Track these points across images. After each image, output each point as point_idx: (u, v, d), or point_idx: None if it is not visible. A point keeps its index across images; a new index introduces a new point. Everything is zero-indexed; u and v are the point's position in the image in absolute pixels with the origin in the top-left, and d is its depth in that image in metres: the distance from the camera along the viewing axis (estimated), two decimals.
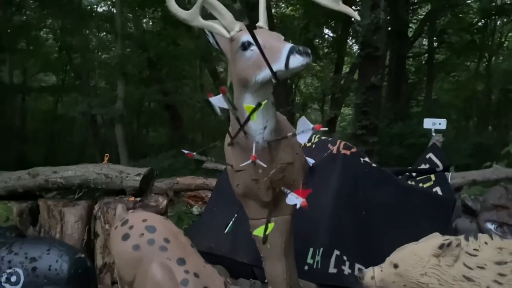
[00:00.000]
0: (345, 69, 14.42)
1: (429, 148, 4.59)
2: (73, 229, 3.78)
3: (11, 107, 14.73)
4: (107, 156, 3.98)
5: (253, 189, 2.46)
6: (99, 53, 13.74)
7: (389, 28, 12.03)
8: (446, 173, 4.34)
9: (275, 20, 11.05)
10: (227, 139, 2.52)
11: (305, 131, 2.07)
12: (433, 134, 4.61)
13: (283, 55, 1.91)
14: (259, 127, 2.22)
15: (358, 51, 10.77)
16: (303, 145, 4.77)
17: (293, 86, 16.26)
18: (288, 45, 1.93)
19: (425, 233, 3.79)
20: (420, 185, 4.31)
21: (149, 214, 2.55)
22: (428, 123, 4.66)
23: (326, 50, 16.02)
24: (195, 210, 4.99)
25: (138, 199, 3.86)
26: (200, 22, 1.97)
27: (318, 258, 3.79)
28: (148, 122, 16.55)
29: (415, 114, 13.35)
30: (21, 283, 2.41)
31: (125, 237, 2.36)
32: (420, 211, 3.91)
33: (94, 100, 10.68)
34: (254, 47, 1.99)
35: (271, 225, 1.77)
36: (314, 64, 15.32)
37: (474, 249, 1.95)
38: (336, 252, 3.79)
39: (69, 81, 15.53)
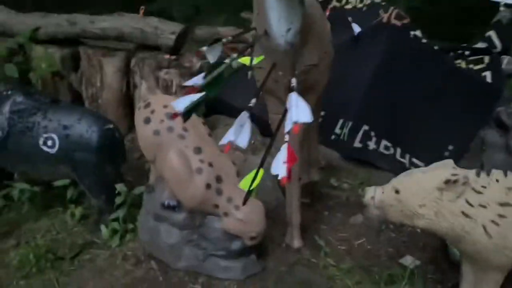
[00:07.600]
0: None
1: (491, 25, 4.09)
2: (112, 79, 3.93)
3: None
4: (142, 9, 3.85)
5: (272, 88, 2.40)
6: None
7: None
8: (502, 56, 3.96)
9: None
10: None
11: None
12: (501, 8, 4.03)
13: None
14: (281, 29, 2.02)
15: None
16: (354, 7, 4.40)
17: None
18: None
19: (461, 119, 3.70)
20: (471, 66, 4.01)
21: (171, 99, 2.55)
22: None
23: None
24: (235, 63, 4.93)
25: (174, 57, 3.86)
26: None
27: (345, 130, 3.85)
28: None
29: None
30: (57, 148, 2.63)
31: (147, 120, 2.45)
32: (461, 96, 3.73)
33: None
34: None
35: (261, 172, 1.66)
36: None
37: (482, 186, 1.90)
38: (365, 127, 3.81)
39: None
